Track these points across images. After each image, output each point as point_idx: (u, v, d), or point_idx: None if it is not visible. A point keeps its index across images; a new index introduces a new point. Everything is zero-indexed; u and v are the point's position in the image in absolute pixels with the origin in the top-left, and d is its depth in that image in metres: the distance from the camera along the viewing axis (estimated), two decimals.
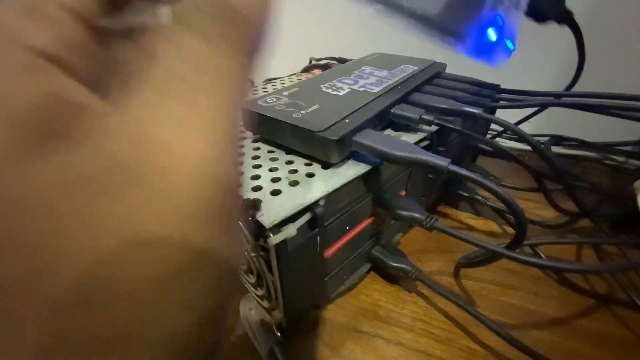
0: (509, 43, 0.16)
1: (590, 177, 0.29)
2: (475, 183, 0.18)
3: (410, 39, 0.42)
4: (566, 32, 0.36)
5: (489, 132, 0.36)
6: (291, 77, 0.39)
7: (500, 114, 0.28)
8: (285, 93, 0.25)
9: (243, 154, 0.23)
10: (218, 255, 0.07)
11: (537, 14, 0.26)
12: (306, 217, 0.18)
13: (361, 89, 0.26)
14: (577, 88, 0.29)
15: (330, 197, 0.18)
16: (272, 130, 0.23)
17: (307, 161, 0.21)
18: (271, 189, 0.18)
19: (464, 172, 0.18)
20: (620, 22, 0.34)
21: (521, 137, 0.23)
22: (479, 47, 0.15)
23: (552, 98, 0.28)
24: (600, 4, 0.34)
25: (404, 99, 0.26)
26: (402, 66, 0.31)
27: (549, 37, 0.37)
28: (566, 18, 0.28)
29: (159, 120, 0.07)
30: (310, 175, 0.20)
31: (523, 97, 0.28)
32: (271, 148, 0.23)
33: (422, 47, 0.40)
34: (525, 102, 0.28)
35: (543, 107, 0.31)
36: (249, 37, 0.09)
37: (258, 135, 0.24)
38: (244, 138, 0.25)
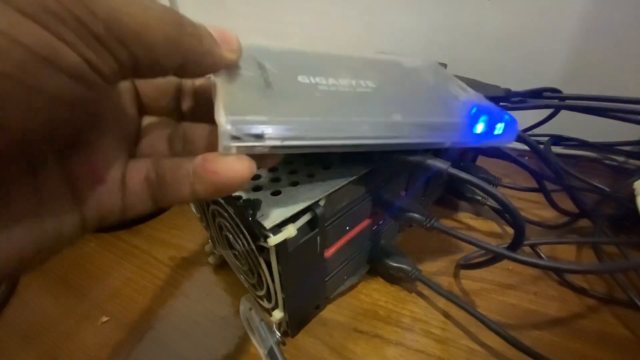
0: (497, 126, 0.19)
1: (590, 177, 0.29)
2: (473, 186, 0.18)
3: (410, 39, 0.42)
4: (565, 33, 0.36)
5: None
6: None
7: None
8: None
9: None
10: None
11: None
12: (306, 217, 0.18)
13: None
14: (578, 89, 0.29)
15: (330, 197, 0.18)
16: None
17: (307, 161, 0.21)
18: (271, 189, 0.18)
19: (463, 175, 0.18)
20: (620, 24, 0.34)
21: (522, 140, 0.23)
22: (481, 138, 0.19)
23: (556, 101, 0.28)
24: (600, 5, 0.34)
25: None
26: None
27: (548, 38, 0.37)
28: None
29: None
30: (311, 175, 0.20)
31: (527, 99, 0.28)
32: None
33: (422, 47, 0.40)
34: (530, 104, 0.28)
35: (557, 110, 0.32)
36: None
37: None
38: None
